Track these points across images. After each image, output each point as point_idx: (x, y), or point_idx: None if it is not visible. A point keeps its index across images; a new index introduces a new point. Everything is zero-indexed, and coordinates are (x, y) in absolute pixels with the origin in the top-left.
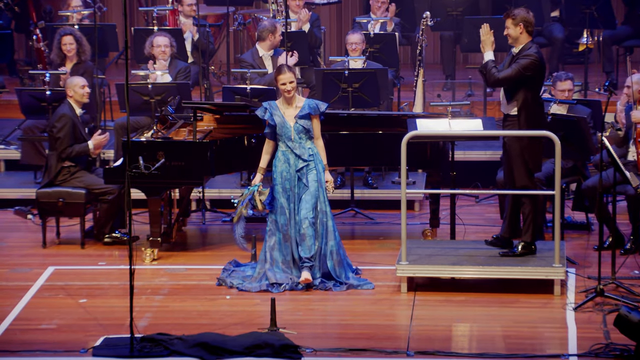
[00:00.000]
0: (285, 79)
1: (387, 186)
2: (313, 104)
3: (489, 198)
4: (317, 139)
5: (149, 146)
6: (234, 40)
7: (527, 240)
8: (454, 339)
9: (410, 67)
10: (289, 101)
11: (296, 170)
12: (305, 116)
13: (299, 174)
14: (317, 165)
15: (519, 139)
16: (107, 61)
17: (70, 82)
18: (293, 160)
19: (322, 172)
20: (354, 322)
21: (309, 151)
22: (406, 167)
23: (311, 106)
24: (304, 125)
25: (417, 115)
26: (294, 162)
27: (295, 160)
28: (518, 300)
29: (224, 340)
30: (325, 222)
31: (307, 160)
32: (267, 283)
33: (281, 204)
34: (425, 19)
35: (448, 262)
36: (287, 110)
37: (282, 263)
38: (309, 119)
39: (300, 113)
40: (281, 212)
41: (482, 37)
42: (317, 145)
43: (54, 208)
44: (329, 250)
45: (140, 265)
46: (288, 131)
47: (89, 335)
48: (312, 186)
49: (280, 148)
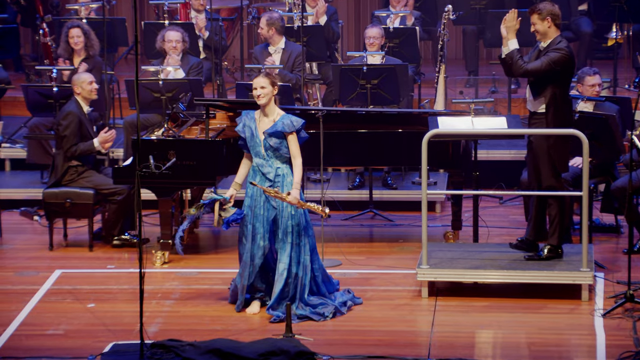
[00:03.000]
0: (256, 84)
1: (407, 187)
2: (287, 121)
3: (513, 199)
4: (294, 159)
5: (160, 145)
6: (247, 35)
7: (553, 243)
8: (477, 346)
9: (431, 62)
10: (264, 112)
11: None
12: (275, 134)
13: (266, 195)
14: (283, 187)
15: (545, 138)
16: (116, 56)
17: (77, 79)
18: (259, 178)
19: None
20: (373, 328)
21: (276, 171)
22: (427, 167)
23: (285, 123)
24: (271, 144)
25: (439, 113)
26: (260, 180)
27: (262, 179)
28: (544, 306)
29: (238, 346)
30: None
31: (272, 181)
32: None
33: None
34: (447, 13)
35: (471, 266)
36: (261, 122)
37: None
38: (282, 137)
39: (270, 130)
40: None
41: (508, 24)
42: (294, 164)
43: (61, 209)
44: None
45: (150, 269)
46: (257, 146)
47: (98, 341)
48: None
49: (253, 162)
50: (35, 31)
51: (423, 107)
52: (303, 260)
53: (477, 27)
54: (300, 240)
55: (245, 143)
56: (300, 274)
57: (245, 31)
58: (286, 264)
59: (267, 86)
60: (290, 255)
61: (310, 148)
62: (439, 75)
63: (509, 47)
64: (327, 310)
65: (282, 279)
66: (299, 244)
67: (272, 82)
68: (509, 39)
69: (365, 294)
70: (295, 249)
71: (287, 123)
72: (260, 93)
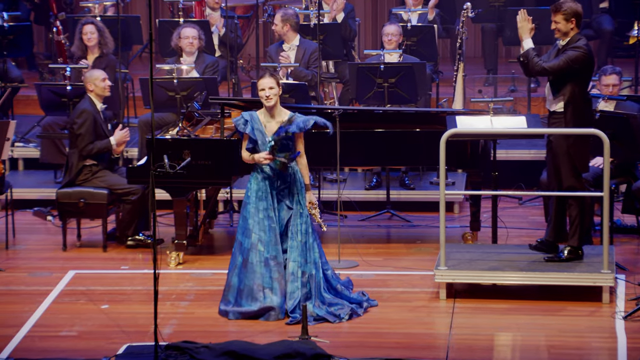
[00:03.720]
0: (264, 84)
1: (424, 187)
2: (301, 124)
3: (533, 200)
4: (300, 157)
5: (175, 144)
6: (263, 33)
7: (573, 244)
8: (496, 349)
9: (449, 61)
10: (271, 113)
11: (276, 191)
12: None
13: (279, 195)
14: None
15: (565, 137)
16: (130, 55)
17: (89, 76)
18: (270, 180)
19: (303, 195)
20: (390, 330)
21: (288, 170)
22: (445, 167)
23: (300, 127)
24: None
25: (457, 112)
26: (273, 181)
27: (274, 180)
28: (564, 308)
29: (253, 348)
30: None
31: (288, 182)
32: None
33: (248, 226)
34: (465, 10)
35: (489, 267)
36: (268, 123)
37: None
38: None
39: (282, 132)
40: (246, 235)
41: (520, 24)
42: (300, 163)
43: (74, 209)
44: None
45: (165, 270)
46: (267, 148)
47: (111, 343)
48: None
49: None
50: (48, 29)
51: (441, 106)
52: (313, 258)
53: (496, 24)
54: (308, 238)
55: (253, 146)
56: (313, 271)
57: (260, 29)
58: (299, 262)
59: (274, 86)
60: (301, 255)
61: (327, 148)
62: (458, 74)
63: (523, 47)
64: (343, 312)
65: (297, 279)
66: (307, 242)
67: (278, 82)
68: (523, 39)
69: (382, 295)
70: (304, 248)
71: (302, 127)
72: (269, 94)
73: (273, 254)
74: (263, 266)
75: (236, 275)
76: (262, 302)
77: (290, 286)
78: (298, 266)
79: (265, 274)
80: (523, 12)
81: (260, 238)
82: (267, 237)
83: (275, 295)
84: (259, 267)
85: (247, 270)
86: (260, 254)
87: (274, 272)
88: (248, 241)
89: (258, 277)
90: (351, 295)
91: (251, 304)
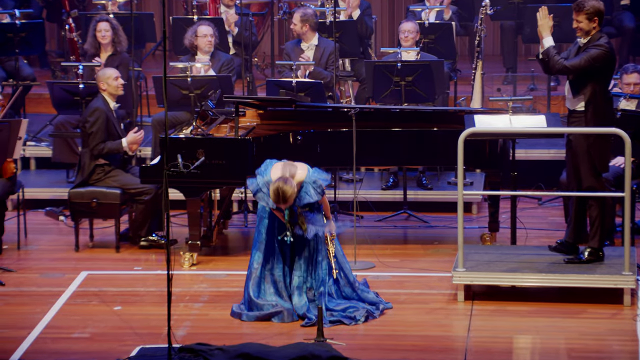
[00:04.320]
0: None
1: (442, 187)
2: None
3: (552, 200)
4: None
5: (188, 143)
6: (278, 31)
7: (594, 246)
8: (515, 352)
9: (467, 59)
10: None
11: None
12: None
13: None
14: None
15: (585, 137)
16: (144, 52)
17: (102, 74)
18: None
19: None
20: (407, 332)
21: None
22: (463, 167)
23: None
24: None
25: (475, 111)
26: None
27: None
28: (584, 311)
29: (268, 351)
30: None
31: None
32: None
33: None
34: (484, 7)
35: (508, 269)
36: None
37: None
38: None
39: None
40: (260, 249)
41: (540, 22)
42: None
43: (87, 209)
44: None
45: (178, 271)
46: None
47: (124, 345)
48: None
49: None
50: (61, 26)
51: (459, 105)
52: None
53: (516, 22)
54: (317, 256)
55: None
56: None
57: (276, 27)
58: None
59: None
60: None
61: (343, 147)
62: (476, 72)
63: (544, 44)
64: (359, 314)
65: (303, 293)
66: (315, 259)
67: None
68: (543, 37)
69: (399, 297)
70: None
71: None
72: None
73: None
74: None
75: (255, 285)
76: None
77: (296, 299)
78: (303, 282)
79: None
80: (544, 10)
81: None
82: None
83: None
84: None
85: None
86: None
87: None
88: (260, 255)
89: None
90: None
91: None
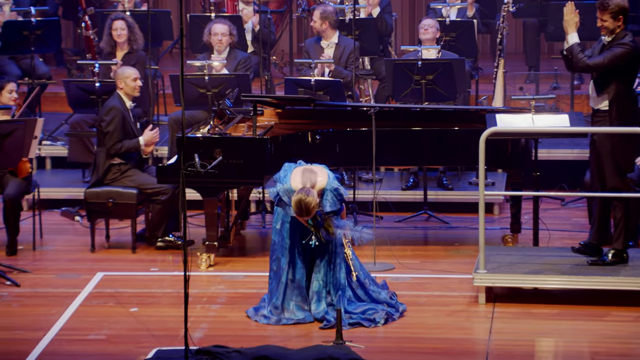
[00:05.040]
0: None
1: (463, 187)
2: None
3: (576, 201)
4: None
5: (206, 143)
6: (297, 28)
7: (618, 247)
8: (537, 355)
9: (489, 57)
10: None
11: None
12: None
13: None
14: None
15: (609, 136)
16: (160, 50)
17: (121, 73)
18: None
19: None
20: (427, 335)
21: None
22: (485, 167)
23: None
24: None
25: (497, 110)
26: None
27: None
28: (608, 314)
29: (286, 353)
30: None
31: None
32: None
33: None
34: (506, 5)
35: (530, 270)
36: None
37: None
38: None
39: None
40: (282, 253)
41: (566, 17)
42: None
43: (103, 209)
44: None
45: (195, 272)
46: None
47: (140, 347)
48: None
49: None
50: (77, 24)
51: (481, 104)
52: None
53: (538, 19)
54: (336, 259)
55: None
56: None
57: (294, 24)
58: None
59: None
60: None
61: (362, 146)
62: (498, 71)
63: (568, 41)
64: (379, 316)
65: (322, 298)
66: (333, 262)
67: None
68: (568, 33)
69: (419, 299)
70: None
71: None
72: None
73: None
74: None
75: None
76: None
77: (314, 306)
78: (323, 286)
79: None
80: (571, 5)
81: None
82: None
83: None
84: (290, 288)
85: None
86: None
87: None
88: (284, 260)
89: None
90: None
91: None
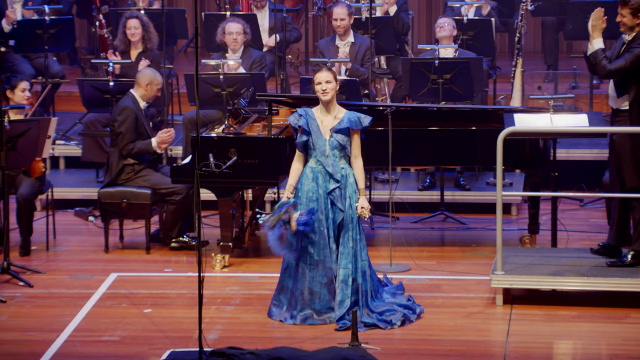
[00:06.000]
0: (320, 78)
1: (480, 188)
2: (354, 117)
3: (595, 201)
4: (355, 158)
5: (220, 142)
6: (313, 27)
7: (637, 248)
8: (555, 358)
9: (507, 56)
10: (327, 108)
11: (327, 192)
12: (343, 130)
13: (331, 197)
14: (348, 188)
15: (629, 137)
16: (175, 49)
17: (152, 77)
18: (322, 180)
19: (355, 199)
20: (444, 337)
21: (342, 171)
22: (502, 167)
23: (352, 120)
24: (339, 141)
25: (515, 110)
26: (324, 181)
27: (326, 181)
28: (627, 316)
29: (301, 355)
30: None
31: (338, 181)
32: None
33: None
34: (524, 3)
35: (548, 272)
36: (324, 119)
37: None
38: (348, 134)
39: (338, 126)
40: (297, 236)
41: (594, 22)
42: (355, 166)
43: (117, 209)
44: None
45: (210, 273)
46: (323, 144)
47: (154, 348)
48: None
49: (310, 164)
50: (91, 23)
51: (498, 104)
52: (361, 265)
53: (557, 18)
54: (357, 245)
55: (304, 141)
56: (360, 280)
57: (310, 23)
58: (349, 270)
59: (332, 80)
60: (352, 262)
61: (379, 146)
62: (516, 70)
63: (593, 46)
64: (395, 318)
65: (348, 287)
66: (357, 249)
67: (335, 77)
68: (594, 37)
69: (435, 300)
70: (354, 255)
71: (355, 120)
72: (326, 88)
73: (322, 258)
74: (312, 269)
75: (289, 276)
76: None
77: (340, 294)
78: (349, 273)
79: (315, 277)
80: (600, 11)
81: (310, 240)
82: (317, 240)
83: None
84: (308, 271)
85: (298, 272)
86: (310, 257)
87: (322, 277)
88: (299, 243)
89: (308, 281)
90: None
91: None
